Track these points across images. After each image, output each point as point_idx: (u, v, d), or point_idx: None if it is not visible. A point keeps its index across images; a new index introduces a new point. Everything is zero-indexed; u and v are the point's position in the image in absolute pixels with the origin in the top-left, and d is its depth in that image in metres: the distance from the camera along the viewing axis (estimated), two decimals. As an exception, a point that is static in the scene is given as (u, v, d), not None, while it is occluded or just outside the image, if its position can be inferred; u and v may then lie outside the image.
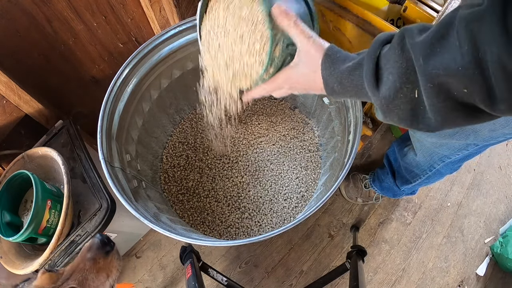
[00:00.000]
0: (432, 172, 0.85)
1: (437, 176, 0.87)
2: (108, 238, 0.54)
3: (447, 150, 0.74)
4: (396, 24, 1.02)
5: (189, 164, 1.12)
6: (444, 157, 0.77)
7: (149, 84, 0.96)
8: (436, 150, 0.77)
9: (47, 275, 0.46)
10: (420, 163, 0.85)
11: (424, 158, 0.82)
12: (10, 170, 0.83)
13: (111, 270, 0.53)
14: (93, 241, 0.53)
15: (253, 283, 1.14)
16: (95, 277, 0.50)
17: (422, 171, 0.88)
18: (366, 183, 1.19)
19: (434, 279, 1.14)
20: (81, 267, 0.50)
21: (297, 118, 1.18)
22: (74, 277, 0.48)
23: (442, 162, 0.79)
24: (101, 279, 0.51)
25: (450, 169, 0.83)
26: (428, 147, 0.78)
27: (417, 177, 0.93)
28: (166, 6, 1.04)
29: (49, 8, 0.83)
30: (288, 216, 1.03)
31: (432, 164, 0.81)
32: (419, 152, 0.83)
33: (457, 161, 0.78)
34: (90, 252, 0.51)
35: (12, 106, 0.84)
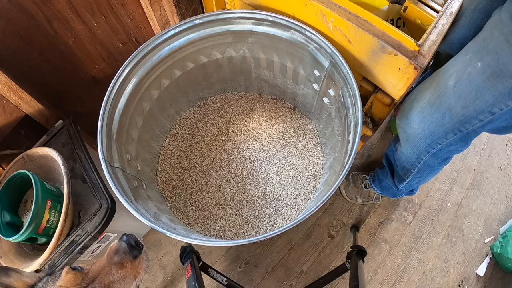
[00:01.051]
0: (421, 164, 0.85)
1: (426, 169, 0.87)
2: (136, 241, 0.52)
3: (429, 137, 0.74)
4: (396, 24, 1.02)
5: (189, 164, 1.12)
6: (428, 147, 0.77)
7: (149, 84, 0.96)
8: (418, 137, 0.76)
9: (72, 275, 0.45)
10: (408, 155, 0.85)
11: (411, 149, 0.82)
12: (10, 170, 0.83)
13: (139, 272, 0.51)
14: (120, 245, 0.50)
15: (253, 283, 1.14)
16: (122, 279, 0.48)
17: (411, 164, 0.88)
18: (366, 183, 1.19)
19: (434, 279, 1.14)
20: (107, 270, 0.48)
21: (297, 118, 1.18)
22: (99, 280, 0.46)
23: (427, 153, 0.79)
24: (128, 281, 0.49)
25: (438, 162, 0.82)
26: (410, 134, 0.78)
27: (408, 173, 0.93)
28: (166, 6, 1.04)
29: (49, 8, 0.83)
30: (288, 216, 1.03)
31: (419, 155, 0.81)
32: (405, 143, 0.83)
33: (441, 154, 0.78)
34: (117, 255, 0.49)
35: (12, 106, 0.84)
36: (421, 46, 0.72)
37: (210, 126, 1.18)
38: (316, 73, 0.96)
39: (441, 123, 0.69)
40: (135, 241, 0.52)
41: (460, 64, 0.62)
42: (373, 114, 1.01)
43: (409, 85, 0.78)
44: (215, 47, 1.01)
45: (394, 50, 0.73)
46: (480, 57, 0.57)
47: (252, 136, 1.15)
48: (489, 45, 0.55)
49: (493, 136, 1.38)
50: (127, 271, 0.49)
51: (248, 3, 0.95)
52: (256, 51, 1.03)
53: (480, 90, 0.58)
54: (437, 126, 0.71)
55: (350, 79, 0.81)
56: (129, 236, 0.51)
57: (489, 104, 0.59)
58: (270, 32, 0.93)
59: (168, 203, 1.05)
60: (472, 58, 0.59)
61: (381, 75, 0.82)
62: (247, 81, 1.18)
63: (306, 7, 0.82)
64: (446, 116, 0.66)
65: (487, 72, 0.56)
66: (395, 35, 0.74)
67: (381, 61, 0.78)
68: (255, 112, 1.20)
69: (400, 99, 0.85)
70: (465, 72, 0.60)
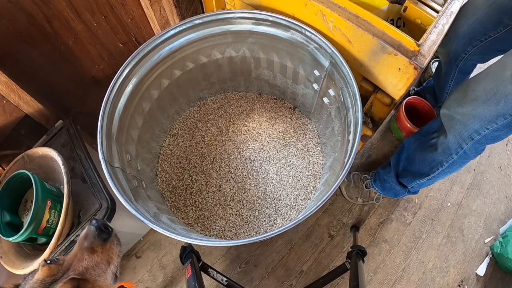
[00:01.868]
0: (458, 155, 0.87)
1: (459, 162, 0.89)
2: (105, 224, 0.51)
3: (478, 123, 0.78)
4: (396, 24, 1.02)
5: (189, 164, 1.12)
6: (474, 133, 0.80)
7: (149, 84, 0.96)
8: (467, 124, 0.80)
9: (46, 267, 0.45)
10: (448, 145, 0.87)
11: (454, 137, 0.85)
12: (10, 170, 0.83)
13: (111, 257, 0.51)
14: (89, 229, 0.50)
15: (253, 283, 1.14)
16: (95, 265, 0.48)
17: (448, 155, 0.89)
18: (367, 183, 1.19)
19: (434, 279, 1.14)
20: (79, 257, 0.48)
21: (297, 118, 1.18)
22: (73, 267, 0.46)
23: (471, 140, 0.82)
24: (102, 267, 0.49)
25: (475, 151, 0.85)
26: (460, 122, 0.82)
27: (438, 166, 0.93)
28: (166, 6, 1.04)
29: (49, 8, 0.83)
30: (288, 216, 1.04)
31: (461, 143, 0.84)
32: (451, 131, 0.86)
33: (483, 140, 0.81)
34: (87, 240, 0.49)
35: (12, 106, 0.84)
36: (421, 46, 0.72)
37: (210, 126, 1.18)
38: (316, 73, 0.96)
39: (494, 108, 0.74)
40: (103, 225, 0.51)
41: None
42: (373, 114, 1.01)
43: (409, 85, 0.78)
44: (215, 47, 1.01)
45: (394, 50, 0.73)
46: None
47: (252, 136, 1.15)
48: None
49: (493, 136, 1.38)
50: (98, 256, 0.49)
51: (248, 3, 0.95)
52: (256, 51, 1.03)
53: None
54: (490, 111, 0.75)
55: (350, 79, 0.81)
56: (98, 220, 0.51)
57: None
58: (270, 32, 0.93)
59: (168, 203, 1.05)
60: None
61: (381, 75, 0.82)
62: (247, 81, 1.18)
63: (306, 7, 0.83)
64: (501, 102, 0.72)
65: None
66: (395, 35, 0.74)
67: (381, 61, 0.78)
68: (255, 112, 1.20)
69: (400, 99, 0.85)
70: None
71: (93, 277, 0.47)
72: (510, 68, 0.70)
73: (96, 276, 0.47)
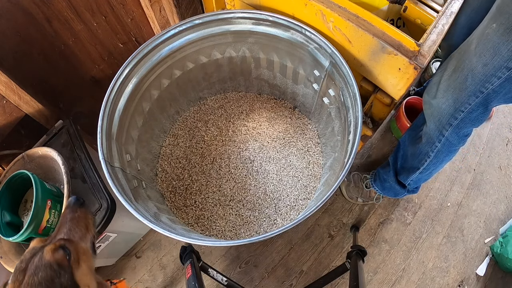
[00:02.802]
0: (441, 143, 0.87)
1: (445, 150, 0.89)
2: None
3: (452, 106, 0.77)
4: (396, 24, 1.02)
5: (189, 164, 1.12)
6: (451, 118, 0.80)
7: (149, 84, 0.96)
8: (443, 109, 0.80)
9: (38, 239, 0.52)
10: (430, 133, 0.88)
11: (434, 124, 0.85)
12: (10, 170, 0.83)
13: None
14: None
15: (253, 283, 1.14)
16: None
17: (431, 144, 0.89)
18: (367, 183, 1.19)
19: (434, 279, 1.14)
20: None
21: (297, 118, 1.18)
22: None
23: (450, 126, 0.81)
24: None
25: (457, 137, 0.85)
26: (436, 108, 0.82)
27: (426, 157, 0.93)
28: (166, 6, 1.04)
29: (49, 8, 0.83)
30: (288, 216, 1.04)
31: (441, 130, 0.84)
32: (430, 119, 0.86)
33: (462, 125, 0.81)
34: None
35: (12, 106, 0.84)
36: (421, 46, 0.72)
37: (210, 126, 1.18)
38: (316, 73, 0.96)
39: (464, 86, 0.73)
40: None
41: (479, 30, 0.70)
42: (373, 114, 1.01)
43: (409, 85, 0.78)
44: (215, 47, 1.01)
45: (394, 50, 0.73)
46: (494, 20, 0.65)
47: (252, 136, 1.15)
48: (501, 9, 0.64)
49: (493, 136, 1.38)
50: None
51: (248, 3, 0.95)
52: (256, 51, 1.03)
53: (497, 46, 0.64)
54: (460, 90, 0.74)
55: (350, 79, 0.81)
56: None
57: (505, 59, 0.64)
58: (270, 32, 0.93)
59: (168, 203, 1.05)
60: (488, 22, 0.67)
61: (381, 75, 0.82)
62: (247, 81, 1.18)
63: (306, 7, 0.83)
64: (468, 78, 0.71)
65: (501, 29, 0.63)
66: (395, 35, 0.74)
67: (381, 61, 0.78)
68: (255, 112, 1.20)
69: (400, 99, 0.85)
70: (483, 34, 0.68)
71: (76, 239, 0.54)
72: (475, 41, 0.70)
73: (78, 239, 0.54)
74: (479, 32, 0.70)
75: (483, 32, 0.68)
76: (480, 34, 0.69)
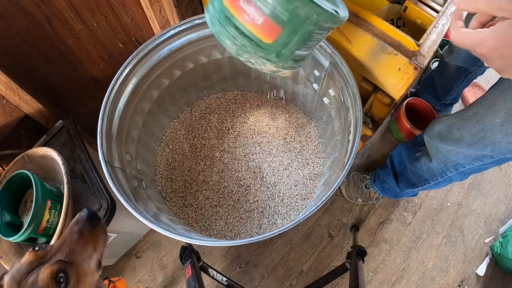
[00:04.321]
0: (443, 179, 0.86)
1: (446, 182, 0.88)
2: (95, 213, 0.54)
3: (463, 159, 0.75)
4: (396, 24, 1.02)
5: (189, 164, 1.12)
6: (459, 165, 0.77)
7: (149, 84, 0.96)
8: (452, 158, 0.77)
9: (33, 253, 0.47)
10: (433, 169, 0.86)
11: (438, 164, 0.82)
12: (10, 170, 0.83)
13: (98, 243, 0.53)
14: (80, 215, 0.52)
15: (253, 283, 1.14)
16: (82, 249, 0.50)
17: (433, 176, 0.88)
18: (367, 183, 1.19)
19: (434, 279, 1.14)
20: (68, 240, 0.50)
21: (297, 118, 1.18)
22: (61, 250, 0.48)
23: (456, 170, 0.79)
24: (88, 252, 0.51)
25: (461, 178, 0.84)
26: (444, 154, 0.79)
27: (425, 182, 0.93)
28: (166, 6, 1.04)
29: (49, 8, 0.83)
30: (288, 216, 1.03)
31: (445, 171, 0.82)
32: (435, 158, 0.83)
33: (469, 171, 0.79)
34: (77, 225, 0.51)
35: (12, 106, 0.84)
36: (421, 46, 0.72)
37: (210, 126, 1.18)
38: (316, 73, 0.96)
39: (481, 152, 0.70)
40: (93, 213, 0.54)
41: (508, 104, 0.63)
42: (373, 114, 1.01)
43: (409, 85, 0.78)
44: (215, 47, 1.01)
45: (394, 50, 0.73)
46: None
47: (252, 136, 1.15)
48: None
49: (493, 136, 1.38)
50: (86, 240, 0.51)
51: (248, 3, 0.94)
52: (256, 51, 1.03)
53: None
54: (476, 151, 0.71)
55: (350, 79, 0.81)
56: (88, 208, 0.54)
57: None
58: (270, 32, 0.93)
59: (168, 203, 1.05)
60: None
61: (381, 75, 0.82)
62: (247, 81, 1.18)
63: (306, 7, 0.82)
64: (488, 148, 0.67)
65: None
66: (395, 35, 0.74)
67: (381, 61, 0.78)
68: (255, 112, 1.20)
69: (400, 99, 0.85)
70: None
71: (79, 261, 0.48)
72: (501, 115, 0.64)
73: (81, 261, 0.49)
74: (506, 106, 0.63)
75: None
76: (509, 110, 0.62)
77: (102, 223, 0.55)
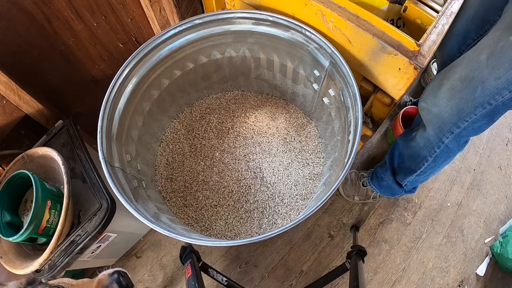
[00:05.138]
0: (440, 149, 0.85)
1: (444, 155, 0.87)
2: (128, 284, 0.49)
3: (456, 115, 0.76)
4: (396, 24, 1.02)
5: (189, 164, 1.12)
6: (453, 126, 0.78)
7: (149, 84, 0.96)
8: (445, 117, 0.78)
9: None
10: (430, 138, 0.86)
11: (434, 130, 0.83)
12: (10, 170, 0.83)
13: None
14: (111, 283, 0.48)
15: (253, 283, 1.14)
16: None
17: (430, 149, 0.88)
18: (364, 181, 1.19)
19: (434, 279, 1.14)
20: None
21: (297, 118, 1.18)
22: None
23: (451, 134, 0.80)
24: None
25: (457, 144, 0.84)
26: (437, 115, 0.80)
27: (423, 161, 0.92)
28: (166, 6, 1.04)
29: (49, 8, 0.83)
30: (288, 216, 1.04)
31: (441, 137, 0.82)
32: (429, 125, 0.84)
33: (464, 133, 0.79)
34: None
35: (12, 106, 0.84)
36: (421, 46, 0.72)
37: (210, 126, 1.18)
38: (316, 73, 0.96)
39: (472, 97, 0.71)
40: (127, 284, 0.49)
41: (491, 40, 0.67)
42: (373, 114, 1.01)
43: (409, 85, 0.78)
44: (215, 47, 1.01)
45: (394, 50, 0.73)
46: (511, 32, 0.62)
47: (252, 136, 1.15)
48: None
49: (493, 136, 1.38)
50: None
51: (248, 3, 0.95)
52: (256, 51, 1.03)
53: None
54: (466, 101, 0.72)
55: (350, 79, 0.81)
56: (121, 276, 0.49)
57: None
58: (270, 32, 0.93)
59: (168, 203, 1.05)
60: (502, 34, 0.64)
61: (381, 75, 0.82)
62: (247, 81, 1.18)
63: (306, 7, 0.83)
64: (477, 90, 0.69)
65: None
66: (395, 35, 0.74)
67: (381, 61, 0.78)
68: (255, 112, 1.20)
69: (400, 99, 0.85)
70: (497, 46, 0.65)
71: None
72: (485, 52, 0.67)
73: None
74: (490, 42, 0.67)
75: (496, 44, 0.65)
76: (493, 45, 0.66)
77: None
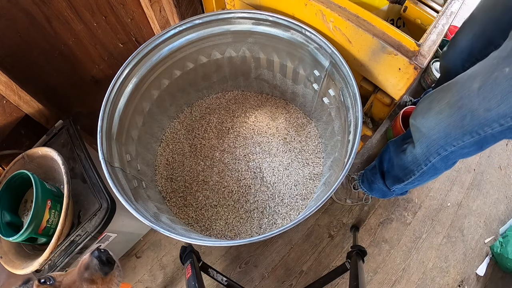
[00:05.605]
0: (427, 167, 0.85)
1: (431, 172, 0.87)
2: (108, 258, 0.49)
3: (443, 139, 0.74)
4: (396, 24, 1.02)
5: (189, 164, 1.12)
6: (440, 149, 0.77)
7: (149, 84, 0.96)
8: (433, 138, 0.77)
9: None
10: (416, 156, 0.85)
11: (422, 149, 0.82)
12: (10, 170, 0.83)
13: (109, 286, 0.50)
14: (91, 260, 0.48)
15: (253, 283, 1.14)
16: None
17: (417, 165, 0.87)
18: (355, 184, 1.18)
19: (434, 279, 1.14)
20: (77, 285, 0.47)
21: (297, 118, 1.18)
22: None
23: (438, 155, 0.79)
24: None
25: (445, 165, 0.83)
26: (425, 134, 0.79)
27: (411, 174, 0.92)
28: (166, 6, 1.04)
29: (49, 8, 0.83)
30: (288, 216, 1.03)
31: (428, 156, 0.81)
32: (418, 143, 0.83)
33: (452, 156, 0.78)
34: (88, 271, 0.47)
35: (12, 106, 0.84)
36: (421, 46, 0.72)
37: (210, 126, 1.18)
38: (316, 73, 0.96)
39: (460, 124, 0.69)
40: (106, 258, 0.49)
41: (487, 68, 0.63)
42: (373, 114, 1.01)
43: (409, 85, 0.78)
44: (215, 47, 1.01)
45: (394, 50, 0.73)
46: (508, 63, 0.58)
47: (252, 136, 1.15)
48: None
49: (493, 136, 1.38)
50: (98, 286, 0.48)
51: (248, 3, 0.95)
52: (256, 51, 1.03)
53: (506, 94, 0.59)
54: (454, 127, 0.70)
55: (350, 79, 0.81)
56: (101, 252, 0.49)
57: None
58: (270, 32, 0.93)
59: (168, 203, 1.05)
60: (499, 63, 0.61)
61: (381, 75, 0.82)
62: (247, 81, 1.18)
63: (306, 7, 0.83)
64: (466, 118, 0.67)
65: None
66: (395, 35, 0.74)
67: (381, 61, 0.78)
68: (255, 112, 1.20)
69: (400, 99, 0.85)
70: (491, 76, 0.61)
71: None
72: (478, 80, 0.63)
73: None
74: (484, 70, 0.64)
75: (490, 73, 0.62)
76: (487, 74, 0.62)
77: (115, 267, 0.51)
